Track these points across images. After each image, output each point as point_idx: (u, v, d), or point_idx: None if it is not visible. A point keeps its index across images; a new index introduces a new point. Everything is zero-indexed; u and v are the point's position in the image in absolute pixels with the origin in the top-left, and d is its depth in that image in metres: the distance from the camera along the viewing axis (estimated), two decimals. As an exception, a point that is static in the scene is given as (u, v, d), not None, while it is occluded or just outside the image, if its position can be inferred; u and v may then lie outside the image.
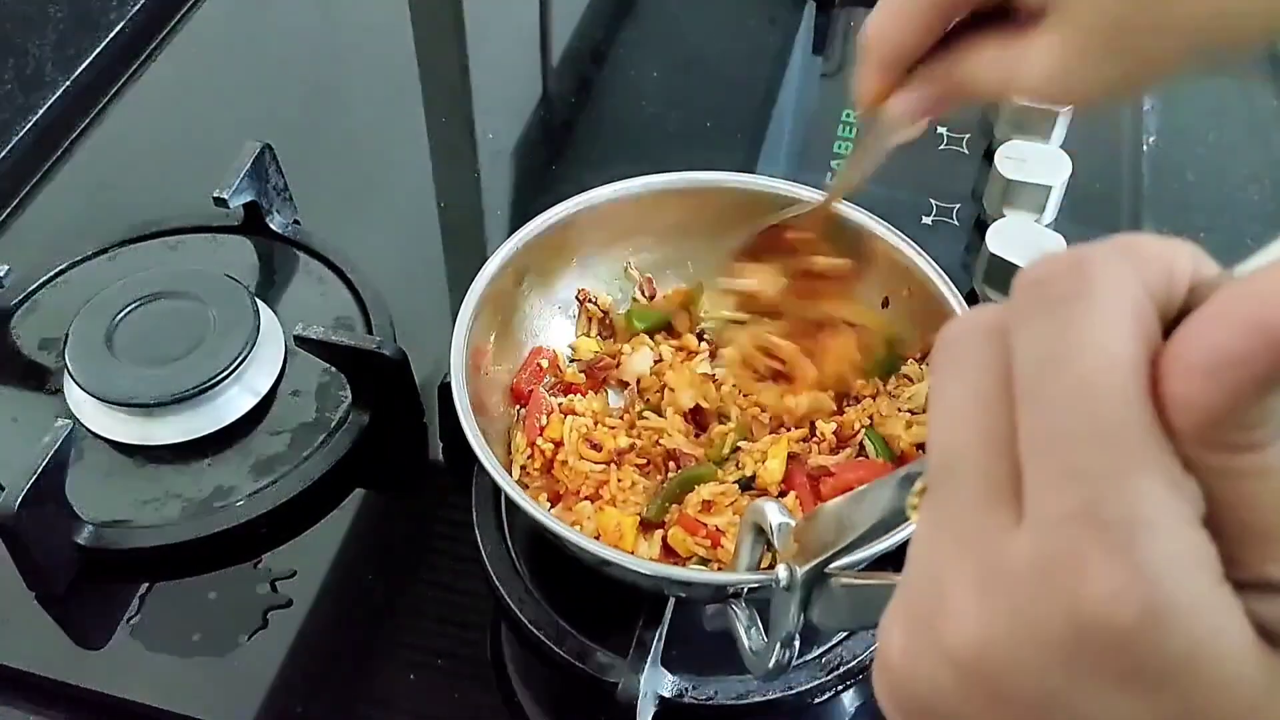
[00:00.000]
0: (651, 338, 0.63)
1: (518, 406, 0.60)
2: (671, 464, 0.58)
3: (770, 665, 0.41)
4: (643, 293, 0.65)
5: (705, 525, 0.54)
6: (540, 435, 0.58)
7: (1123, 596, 0.20)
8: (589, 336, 0.64)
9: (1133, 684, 0.20)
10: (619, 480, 0.57)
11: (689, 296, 0.64)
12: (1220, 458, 0.20)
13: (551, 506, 0.57)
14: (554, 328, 0.64)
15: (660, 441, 0.58)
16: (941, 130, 0.82)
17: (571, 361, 0.63)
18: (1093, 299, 0.21)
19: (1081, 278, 0.21)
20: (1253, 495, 0.20)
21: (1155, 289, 0.21)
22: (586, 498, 0.56)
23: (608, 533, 0.54)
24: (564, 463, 0.57)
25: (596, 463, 0.57)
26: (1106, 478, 0.20)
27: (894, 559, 0.48)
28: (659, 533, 0.55)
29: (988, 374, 0.23)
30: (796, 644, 0.40)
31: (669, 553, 0.55)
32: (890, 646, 0.24)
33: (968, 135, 0.82)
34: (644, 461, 0.58)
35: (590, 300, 0.64)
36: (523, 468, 0.58)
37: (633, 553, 0.54)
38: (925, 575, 0.24)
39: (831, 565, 0.37)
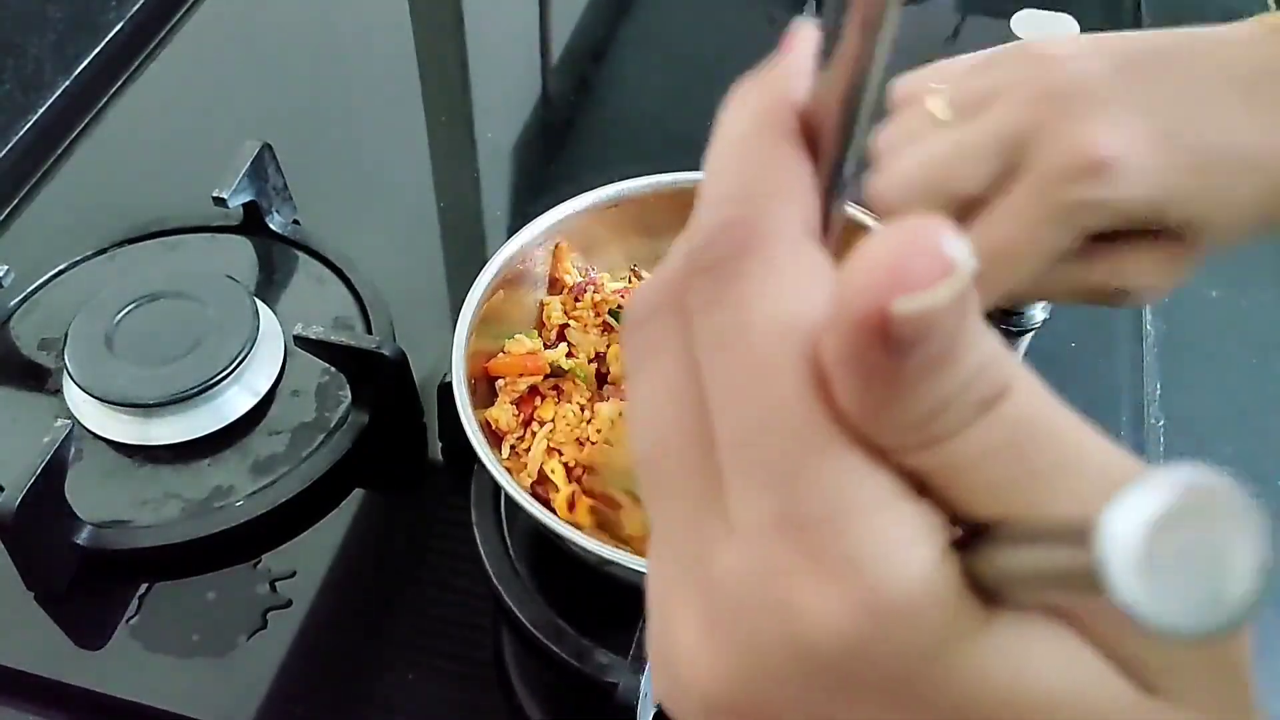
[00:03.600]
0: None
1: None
2: None
3: None
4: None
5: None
6: (533, 418, 0.58)
7: (837, 608, 0.17)
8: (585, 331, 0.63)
9: (883, 689, 0.18)
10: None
11: None
12: (906, 456, 0.18)
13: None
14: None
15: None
16: (941, 130, 0.82)
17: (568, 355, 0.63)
18: (751, 270, 0.19)
19: (737, 241, 0.19)
20: (963, 486, 0.18)
21: (811, 224, 0.19)
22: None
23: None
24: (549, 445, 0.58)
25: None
26: (793, 473, 0.18)
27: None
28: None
29: (675, 364, 0.20)
30: None
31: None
32: (655, 685, 0.22)
33: (968, 135, 0.82)
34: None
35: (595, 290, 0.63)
36: (512, 447, 0.58)
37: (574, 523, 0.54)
38: (656, 608, 0.21)
39: None
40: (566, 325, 0.62)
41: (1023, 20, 0.82)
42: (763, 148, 0.20)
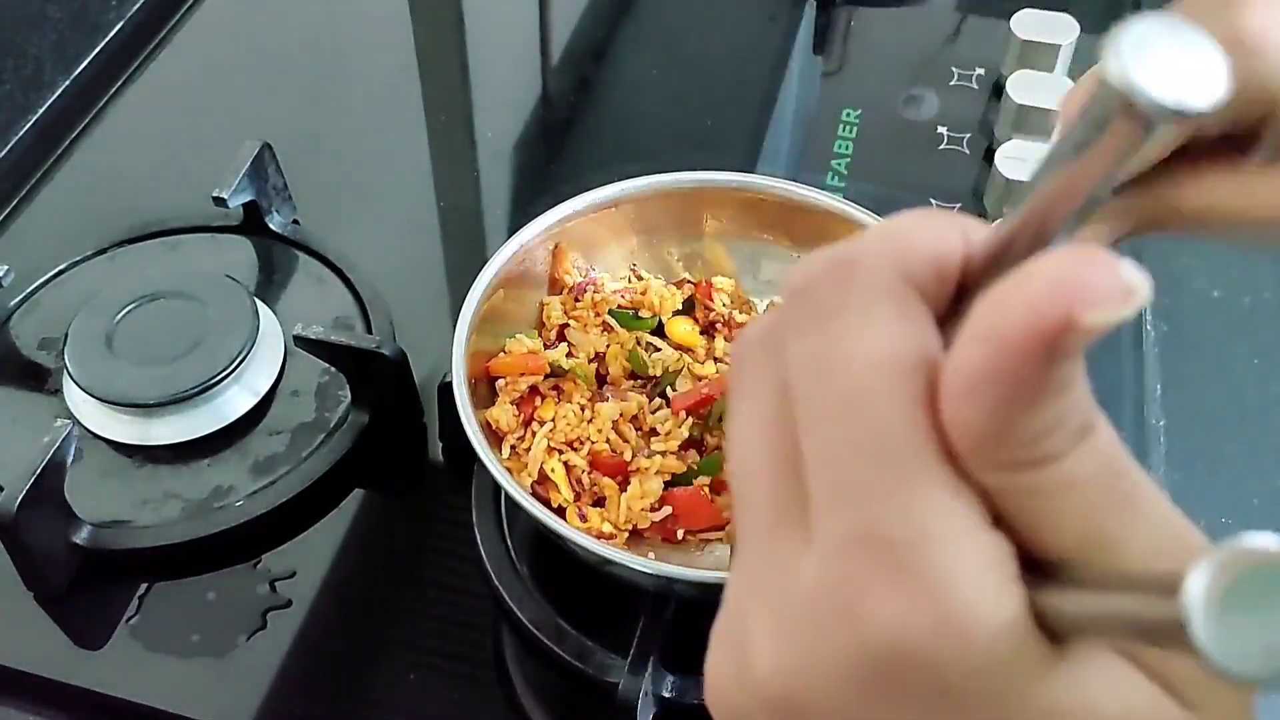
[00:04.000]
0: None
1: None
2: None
3: None
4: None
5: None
6: (533, 418, 0.58)
7: (909, 618, 0.19)
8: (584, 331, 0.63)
9: (938, 704, 0.19)
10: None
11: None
12: (1007, 478, 0.19)
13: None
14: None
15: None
16: (941, 130, 0.82)
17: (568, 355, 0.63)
18: (853, 304, 0.20)
19: (841, 281, 0.21)
20: (1052, 513, 0.19)
21: (921, 279, 0.20)
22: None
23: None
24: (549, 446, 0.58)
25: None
26: (881, 493, 0.19)
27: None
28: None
29: (771, 392, 0.22)
30: None
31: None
32: (709, 672, 0.24)
33: (968, 135, 0.82)
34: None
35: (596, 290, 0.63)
36: (512, 447, 0.58)
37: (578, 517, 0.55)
38: (732, 601, 0.23)
39: None
40: (566, 325, 0.62)
41: (1023, 20, 0.82)
42: (873, 233, 0.22)
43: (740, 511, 0.23)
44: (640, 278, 0.65)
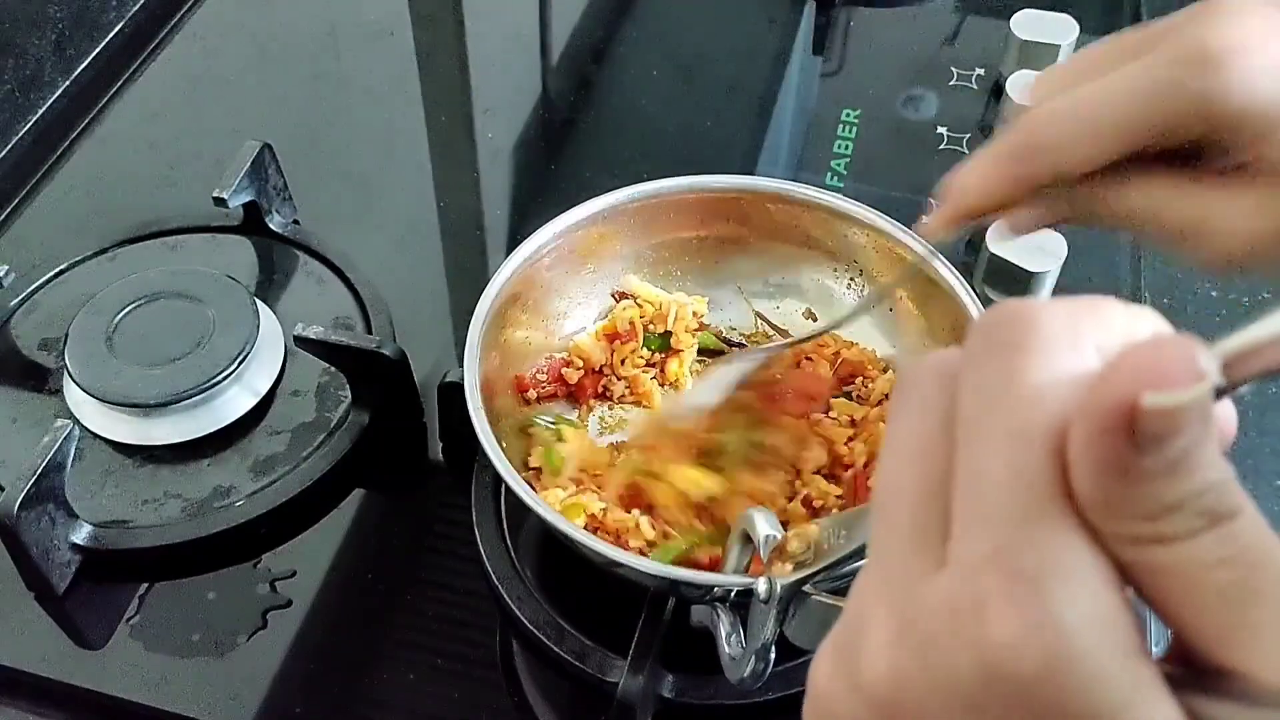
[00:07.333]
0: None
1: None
2: None
3: (745, 674, 0.41)
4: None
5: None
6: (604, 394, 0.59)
7: (1025, 645, 0.19)
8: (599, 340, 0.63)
9: None
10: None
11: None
12: (1131, 551, 0.20)
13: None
14: (567, 327, 0.64)
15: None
16: (941, 130, 0.82)
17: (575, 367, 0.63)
18: (1041, 351, 0.21)
19: (1034, 328, 0.21)
20: (1181, 596, 0.20)
21: (1108, 355, 0.21)
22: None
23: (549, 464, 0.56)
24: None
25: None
26: (1021, 524, 0.20)
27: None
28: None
29: (932, 416, 0.23)
30: (772, 655, 0.40)
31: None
32: (817, 673, 0.24)
33: (967, 135, 0.82)
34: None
35: (629, 297, 0.63)
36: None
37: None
38: (854, 610, 0.24)
39: (811, 584, 0.37)
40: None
41: (1023, 20, 0.82)
42: (1076, 303, 0.22)
43: (881, 523, 0.24)
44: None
